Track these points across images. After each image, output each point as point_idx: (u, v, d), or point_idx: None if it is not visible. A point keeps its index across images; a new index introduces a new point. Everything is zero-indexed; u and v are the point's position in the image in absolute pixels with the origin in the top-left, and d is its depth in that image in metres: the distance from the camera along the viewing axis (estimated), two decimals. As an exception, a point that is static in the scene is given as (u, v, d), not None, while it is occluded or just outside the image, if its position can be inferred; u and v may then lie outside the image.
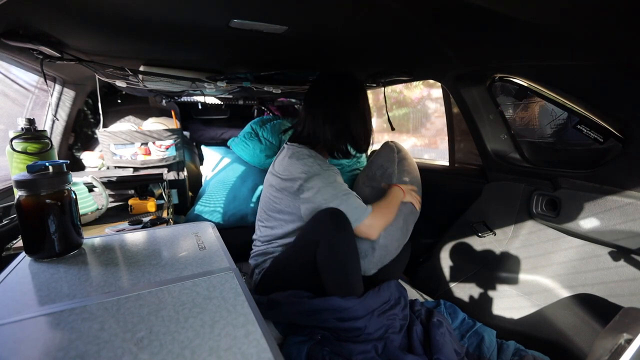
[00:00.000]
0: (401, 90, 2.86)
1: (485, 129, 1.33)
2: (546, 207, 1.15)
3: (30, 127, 0.96)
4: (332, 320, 0.95)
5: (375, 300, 1.01)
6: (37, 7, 0.72)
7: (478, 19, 0.79)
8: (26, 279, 0.57)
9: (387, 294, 1.06)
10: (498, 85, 1.25)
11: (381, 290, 1.05)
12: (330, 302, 0.95)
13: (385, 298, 1.04)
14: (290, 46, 1.08)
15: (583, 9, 0.65)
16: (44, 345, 0.41)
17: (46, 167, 0.63)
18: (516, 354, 1.02)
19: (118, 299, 0.50)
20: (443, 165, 1.75)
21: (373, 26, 0.89)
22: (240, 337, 0.43)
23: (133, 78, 1.28)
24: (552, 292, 1.14)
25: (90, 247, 0.71)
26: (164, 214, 1.26)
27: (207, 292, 0.53)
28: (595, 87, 0.94)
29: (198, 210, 1.76)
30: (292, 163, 1.07)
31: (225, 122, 2.61)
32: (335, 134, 1.14)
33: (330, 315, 0.95)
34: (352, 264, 1.00)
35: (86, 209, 1.11)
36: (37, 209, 0.61)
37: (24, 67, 1.15)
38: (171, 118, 2.00)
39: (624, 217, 0.93)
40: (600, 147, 0.99)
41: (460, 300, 1.40)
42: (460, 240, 1.47)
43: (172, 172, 1.91)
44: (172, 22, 0.84)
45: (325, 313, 0.95)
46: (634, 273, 0.95)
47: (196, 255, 0.67)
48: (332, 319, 0.95)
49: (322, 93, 1.16)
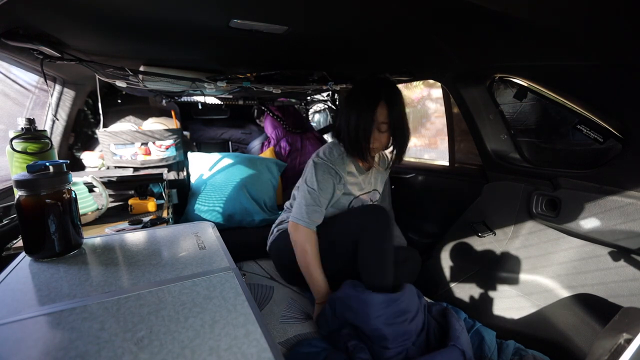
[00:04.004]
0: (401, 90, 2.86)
1: (485, 129, 1.33)
2: (546, 207, 1.15)
3: (31, 127, 0.96)
4: (380, 321, 0.92)
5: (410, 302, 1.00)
6: (37, 7, 0.72)
7: (478, 19, 0.79)
8: (26, 279, 0.57)
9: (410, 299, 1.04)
10: (498, 85, 1.25)
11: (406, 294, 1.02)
12: (379, 296, 0.94)
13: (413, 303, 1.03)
14: (290, 46, 1.08)
15: (583, 9, 0.65)
16: (44, 344, 0.41)
17: (46, 167, 0.63)
18: (516, 354, 1.02)
19: (118, 298, 0.50)
20: (443, 165, 1.75)
21: (373, 26, 0.90)
22: (240, 337, 0.43)
23: (133, 78, 1.28)
24: (552, 292, 1.14)
25: (90, 247, 0.70)
26: (164, 214, 1.26)
27: (207, 292, 0.53)
28: (595, 87, 0.94)
29: (197, 209, 1.76)
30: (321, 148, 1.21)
31: (225, 122, 2.61)
32: (337, 132, 1.20)
33: (382, 311, 0.92)
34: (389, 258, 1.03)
35: (86, 209, 1.11)
36: (37, 208, 0.61)
37: (24, 67, 1.15)
38: (171, 118, 2.00)
39: (624, 217, 0.93)
40: (600, 147, 0.99)
41: (460, 300, 1.41)
42: (460, 240, 1.47)
43: (172, 172, 1.91)
44: (172, 22, 0.84)
45: (377, 308, 0.93)
46: (634, 273, 0.95)
47: (196, 255, 0.67)
48: (382, 319, 0.92)
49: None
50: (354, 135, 1.10)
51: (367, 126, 1.08)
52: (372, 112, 1.07)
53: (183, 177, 1.95)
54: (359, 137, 1.10)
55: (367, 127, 1.08)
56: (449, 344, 0.91)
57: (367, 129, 1.08)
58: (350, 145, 1.13)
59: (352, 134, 1.11)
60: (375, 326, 0.91)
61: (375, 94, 1.08)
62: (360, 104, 1.10)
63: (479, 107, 1.31)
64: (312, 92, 2.14)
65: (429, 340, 1.00)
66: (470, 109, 1.33)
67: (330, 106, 2.38)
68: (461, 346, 0.91)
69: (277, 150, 2.33)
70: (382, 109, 1.07)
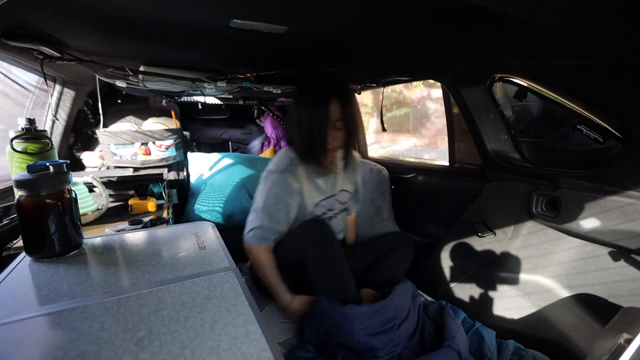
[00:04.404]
0: (401, 91, 2.86)
1: (485, 129, 1.33)
2: (546, 207, 1.15)
3: (31, 127, 0.96)
4: (360, 333, 0.89)
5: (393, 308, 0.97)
6: (37, 7, 0.72)
7: (478, 19, 0.79)
8: (26, 279, 0.57)
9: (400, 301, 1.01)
10: (498, 85, 1.25)
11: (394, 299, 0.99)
12: (357, 309, 0.91)
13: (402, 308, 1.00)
14: (290, 46, 1.08)
15: (583, 9, 0.65)
16: (44, 344, 0.41)
17: (46, 167, 0.63)
18: (516, 354, 1.02)
19: (118, 298, 0.51)
20: (443, 165, 1.75)
21: (373, 26, 0.89)
22: (240, 337, 0.43)
23: (133, 78, 1.28)
24: (552, 292, 1.14)
25: (90, 247, 0.71)
26: (164, 214, 1.26)
27: (207, 292, 0.53)
28: (595, 87, 0.94)
29: (197, 209, 1.76)
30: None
31: (225, 122, 2.61)
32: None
33: (359, 325, 0.90)
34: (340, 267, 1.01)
35: (86, 209, 1.11)
36: (37, 208, 0.61)
37: (24, 67, 1.15)
38: (171, 118, 2.00)
39: (624, 217, 0.93)
40: (600, 147, 0.99)
41: (460, 300, 1.41)
42: (460, 240, 1.47)
43: (172, 172, 1.91)
44: (172, 22, 0.84)
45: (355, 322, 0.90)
46: (634, 273, 0.95)
47: (196, 255, 0.67)
48: (361, 331, 0.89)
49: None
50: (309, 137, 1.06)
51: (322, 126, 1.04)
52: (326, 110, 1.03)
53: (183, 177, 1.95)
54: (314, 138, 1.05)
55: (322, 126, 1.04)
56: (444, 344, 0.90)
57: (323, 128, 1.04)
58: (306, 149, 1.09)
59: (306, 136, 1.06)
60: (360, 339, 0.88)
61: (326, 91, 1.04)
62: (311, 103, 1.05)
63: (479, 107, 1.31)
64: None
65: (424, 341, 0.99)
66: (470, 109, 1.33)
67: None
68: (457, 346, 0.90)
69: (277, 150, 2.33)
70: (335, 106, 1.03)
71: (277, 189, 1.09)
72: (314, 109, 1.04)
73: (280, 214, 1.09)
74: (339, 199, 1.25)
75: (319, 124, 1.04)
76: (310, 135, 1.05)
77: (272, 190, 1.09)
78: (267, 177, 1.11)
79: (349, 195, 1.31)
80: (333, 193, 1.23)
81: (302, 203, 1.15)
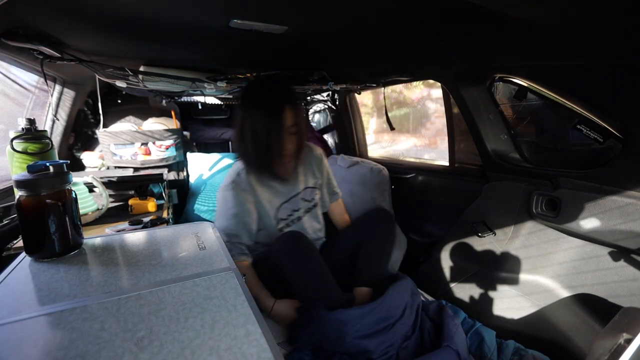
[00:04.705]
0: (401, 91, 2.86)
1: (485, 129, 1.33)
2: (546, 207, 1.15)
3: (31, 127, 0.96)
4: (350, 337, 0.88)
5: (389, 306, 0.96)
6: (37, 7, 0.72)
7: (478, 19, 0.79)
8: (26, 279, 0.57)
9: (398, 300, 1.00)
10: (498, 85, 1.25)
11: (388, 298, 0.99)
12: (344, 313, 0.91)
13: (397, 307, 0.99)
14: (290, 46, 1.08)
15: (583, 9, 0.65)
16: (44, 345, 0.41)
17: (46, 167, 0.63)
18: (516, 354, 1.02)
19: (118, 298, 0.50)
20: (443, 165, 1.75)
21: (373, 26, 0.89)
22: (240, 337, 0.43)
23: (133, 78, 1.28)
24: (552, 292, 1.14)
25: (90, 247, 0.70)
26: (164, 214, 1.26)
27: (207, 292, 0.53)
28: (595, 87, 0.94)
29: (197, 209, 1.76)
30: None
31: (225, 122, 2.61)
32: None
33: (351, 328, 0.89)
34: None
35: (86, 209, 1.12)
36: (37, 209, 0.61)
37: (24, 67, 1.15)
38: (171, 118, 2.00)
39: (624, 217, 0.93)
40: (600, 147, 0.99)
41: (460, 300, 1.41)
42: (460, 240, 1.47)
43: (172, 172, 1.91)
44: (172, 22, 0.84)
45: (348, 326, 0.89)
46: (634, 273, 0.95)
47: (196, 255, 0.67)
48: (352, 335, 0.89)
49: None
50: (265, 145, 1.05)
51: (278, 132, 1.04)
52: (280, 118, 1.03)
53: (183, 177, 1.96)
54: (271, 144, 1.05)
55: (278, 133, 1.04)
56: (443, 344, 0.90)
57: (279, 134, 1.04)
58: (261, 156, 1.08)
59: (262, 147, 1.06)
60: (351, 343, 0.88)
61: (277, 99, 1.05)
62: (263, 111, 1.04)
63: (479, 107, 1.31)
64: (312, 92, 2.14)
65: (423, 341, 0.98)
66: (470, 109, 1.33)
67: (330, 106, 2.37)
68: (455, 346, 0.89)
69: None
70: (289, 112, 1.04)
71: (229, 204, 1.10)
72: (267, 119, 1.04)
73: (237, 227, 1.09)
74: (303, 197, 1.24)
75: (276, 133, 1.04)
76: (267, 145, 1.05)
77: (224, 206, 1.11)
78: (218, 195, 1.13)
79: (315, 191, 1.28)
80: (296, 192, 1.22)
81: (262, 211, 1.15)
